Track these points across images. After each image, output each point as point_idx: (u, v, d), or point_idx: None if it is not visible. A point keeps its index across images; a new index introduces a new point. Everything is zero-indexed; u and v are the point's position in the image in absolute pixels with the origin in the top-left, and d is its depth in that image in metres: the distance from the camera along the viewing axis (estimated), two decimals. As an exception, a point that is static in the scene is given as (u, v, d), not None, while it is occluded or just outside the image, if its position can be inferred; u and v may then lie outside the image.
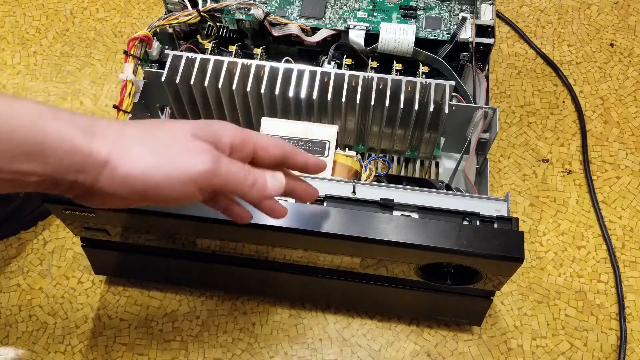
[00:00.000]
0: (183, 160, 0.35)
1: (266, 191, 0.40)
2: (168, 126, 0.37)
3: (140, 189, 0.35)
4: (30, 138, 0.33)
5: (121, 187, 0.35)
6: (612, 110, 0.82)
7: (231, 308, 0.68)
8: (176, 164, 0.35)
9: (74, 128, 0.34)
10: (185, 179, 0.35)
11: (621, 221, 0.74)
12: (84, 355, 0.65)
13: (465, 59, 0.67)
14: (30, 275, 0.70)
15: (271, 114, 0.65)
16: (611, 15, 0.91)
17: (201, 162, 0.36)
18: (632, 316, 0.68)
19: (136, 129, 0.36)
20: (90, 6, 0.92)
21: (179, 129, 0.37)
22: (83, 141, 0.34)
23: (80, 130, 0.34)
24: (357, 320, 0.67)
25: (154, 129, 0.37)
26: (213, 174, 0.36)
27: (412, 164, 0.72)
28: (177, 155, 0.36)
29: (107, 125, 0.35)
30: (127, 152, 0.35)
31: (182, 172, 0.35)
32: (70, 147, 0.34)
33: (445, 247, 0.49)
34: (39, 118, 0.33)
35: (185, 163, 0.35)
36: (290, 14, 0.68)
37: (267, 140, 0.40)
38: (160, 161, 0.35)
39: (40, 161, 0.33)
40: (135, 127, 0.37)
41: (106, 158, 0.34)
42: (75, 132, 0.34)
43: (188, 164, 0.35)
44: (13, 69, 0.85)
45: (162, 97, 0.67)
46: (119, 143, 0.35)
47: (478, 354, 0.65)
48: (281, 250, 0.56)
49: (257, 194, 0.39)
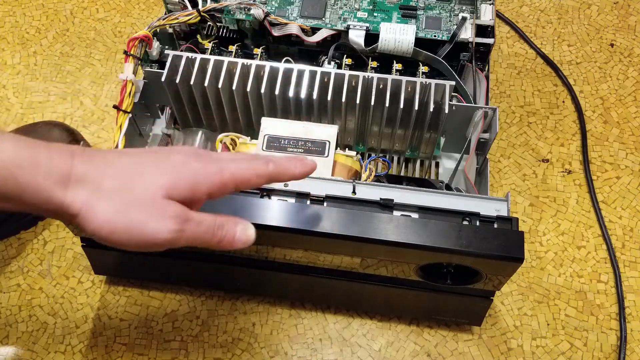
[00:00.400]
0: (149, 226, 0.37)
1: (233, 246, 0.40)
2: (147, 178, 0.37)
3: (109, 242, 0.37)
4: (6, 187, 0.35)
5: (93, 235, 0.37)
6: (612, 110, 0.82)
7: (231, 308, 0.68)
8: (142, 229, 0.37)
9: (50, 179, 0.35)
10: (150, 242, 0.37)
11: (621, 221, 0.74)
12: (84, 355, 0.65)
13: (465, 59, 0.67)
14: (30, 275, 0.70)
15: (271, 114, 0.65)
16: (611, 15, 0.91)
17: (166, 231, 0.37)
18: (632, 316, 0.68)
19: (114, 180, 0.37)
20: (90, 6, 0.92)
21: (156, 184, 0.37)
22: (58, 193, 0.36)
23: (55, 181, 0.36)
24: (357, 320, 0.67)
25: (133, 179, 0.37)
26: (177, 238, 0.37)
27: (412, 164, 0.72)
28: (145, 218, 0.37)
29: (85, 171, 0.37)
30: (97, 210, 0.36)
31: (146, 237, 0.37)
32: (45, 198, 0.36)
33: (445, 247, 0.49)
34: (16, 169, 0.35)
35: (150, 229, 0.37)
36: (290, 14, 0.68)
37: (249, 173, 0.40)
38: (127, 224, 0.36)
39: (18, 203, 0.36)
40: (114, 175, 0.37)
41: (77, 211, 0.36)
42: (50, 184, 0.36)
43: (153, 230, 0.37)
44: (13, 69, 0.85)
45: (162, 97, 0.67)
46: (91, 198, 0.36)
47: (478, 354, 0.65)
48: (281, 250, 0.56)
49: (224, 248, 0.40)
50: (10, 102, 0.82)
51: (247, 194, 0.52)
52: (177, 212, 0.37)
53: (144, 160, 0.38)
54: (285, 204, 0.51)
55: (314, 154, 0.59)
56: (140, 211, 0.37)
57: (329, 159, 0.59)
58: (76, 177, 0.36)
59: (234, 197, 0.52)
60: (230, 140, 0.61)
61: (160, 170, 0.38)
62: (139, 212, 0.37)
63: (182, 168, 0.38)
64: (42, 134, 0.71)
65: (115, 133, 0.59)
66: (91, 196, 0.36)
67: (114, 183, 0.37)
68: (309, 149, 0.60)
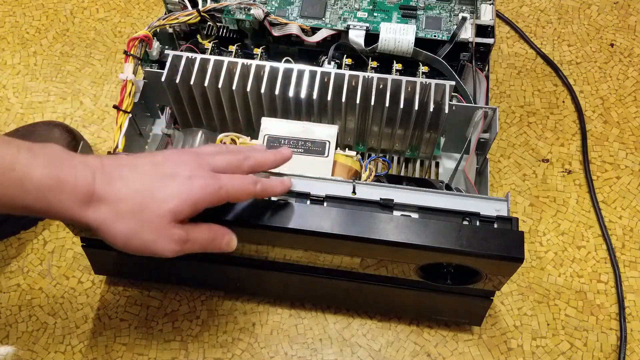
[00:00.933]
0: (158, 246, 0.44)
1: (227, 249, 0.49)
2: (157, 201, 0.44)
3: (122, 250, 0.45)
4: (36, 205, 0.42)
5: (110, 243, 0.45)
6: (612, 110, 0.82)
7: (231, 308, 0.68)
8: (151, 247, 0.44)
9: (74, 199, 0.42)
10: (156, 256, 0.45)
11: (621, 221, 0.74)
12: (84, 355, 0.65)
13: (465, 59, 0.67)
14: (30, 275, 0.70)
15: (271, 114, 0.65)
16: (611, 15, 0.91)
17: (169, 250, 0.45)
18: (632, 316, 0.68)
19: (129, 202, 0.43)
20: (90, 6, 0.92)
21: (165, 208, 0.44)
22: (80, 212, 0.43)
23: (79, 201, 0.42)
24: (357, 320, 0.67)
25: (145, 201, 0.44)
26: (179, 253, 0.46)
27: (412, 164, 0.72)
28: (154, 238, 0.44)
29: (104, 193, 0.43)
30: (114, 228, 0.43)
31: (153, 252, 0.45)
32: (69, 215, 0.43)
33: (445, 247, 0.49)
34: (46, 191, 0.41)
35: (158, 248, 0.45)
36: (290, 14, 0.68)
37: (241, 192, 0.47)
38: (139, 242, 0.44)
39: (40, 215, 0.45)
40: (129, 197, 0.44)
41: (96, 227, 0.43)
42: (74, 204, 0.42)
43: (160, 249, 0.45)
44: (13, 69, 0.85)
45: (162, 97, 0.67)
46: (109, 217, 0.43)
47: (478, 354, 0.65)
48: (281, 250, 0.56)
49: (218, 251, 0.48)
50: (10, 102, 0.82)
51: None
52: (181, 236, 0.45)
53: (154, 181, 0.45)
54: (286, 204, 0.51)
55: (314, 154, 0.59)
56: (150, 232, 0.44)
57: (329, 159, 0.59)
58: (97, 198, 0.43)
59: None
60: (230, 140, 0.61)
61: (169, 192, 0.44)
62: (149, 233, 0.44)
63: (187, 187, 0.45)
64: (42, 134, 0.71)
65: (115, 133, 0.60)
66: (109, 215, 0.43)
67: (128, 205, 0.43)
68: (309, 148, 0.60)
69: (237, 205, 0.50)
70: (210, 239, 0.47)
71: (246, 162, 0.49)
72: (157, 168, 0.46)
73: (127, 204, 0.43)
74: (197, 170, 0.46)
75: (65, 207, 0.42)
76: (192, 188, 0.45)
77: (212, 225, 0.48)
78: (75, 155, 0.44)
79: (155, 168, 0.46)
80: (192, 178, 0.45)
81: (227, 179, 0.46)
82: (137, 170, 0.45)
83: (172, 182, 0.45)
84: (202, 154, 0.48)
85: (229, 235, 0.49)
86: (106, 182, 0.43)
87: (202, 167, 0.46)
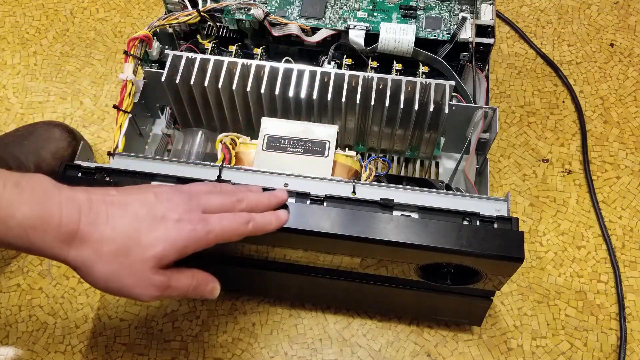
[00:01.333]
0: (136, 291, 0.44)
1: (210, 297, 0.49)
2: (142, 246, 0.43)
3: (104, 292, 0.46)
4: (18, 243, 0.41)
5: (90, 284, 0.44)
6: (612, 110, 0.82)
7: (231, 308, 0.68)
8: (129, 291, 0.44)
9: (57, 239, 0.41)
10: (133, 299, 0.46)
11: (621, 221, 0.74)
12: (84, 355, 0.65)
13: (465, 59, 0.67)
14: (30, 275, 0.70)
15: (271, 114, 0.65)
16: (611, 15, 0.91)
17: (148, 296, 0.44)
18: (632, 316, 0.68)
19: (112, 244, 0.43)
20: (90, 6, 0.92)
21: (149, 254, 0.43)
22: (62, 252, 0.42)
23: (62, 240, 0.42)
24: (357, 320, 0.67)
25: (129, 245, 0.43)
26: (158, 298, 0.45)
27: (412, 164, 0.72)
28: (134, 283, 0.44)
29: (89, 233, 0.42)
30: (95, 270, 0.43)
31: (131, 296, 0.44)
32: (50, 254, 0.42)
33: (445, 247, 0.49)
34: (30, 230, 0.41)
35: (136, 293, 0.44)
36: (290, 14, 0.68)
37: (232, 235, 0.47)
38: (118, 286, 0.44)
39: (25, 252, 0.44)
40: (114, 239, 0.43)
41: (77, 267, 0.43)
42: (57, 244, 0.42)
43: (138, 294, 0.44)
44: (13, 69, 0.85)
45: (162, 97, 0.67)
46: (91, 258, 0.42)
47: (478, 354, 0.65)
48: (281, 250, 0.56)
49: (200, 297, 0.48)
50: (10, 102, 0.82)
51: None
52: (162, 282, 0.44)
53: (142, 223, 0.44)
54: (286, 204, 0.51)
55: (314, 154, 0.59)
56: (131, 277, 0.43)
57: (329, 159, 0.59)
58: (80, 237, 0.42)
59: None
60: (230, 140, 0.61)
61: (155, 237, 0.43)
62: (129, 277, 0.43)
63: (175, 232, 0.44)
64: (42, 133, 0.71)
65: (115, 133, 0.59)
66: (91, 257, 0.43)
67: (112, 248, 0.43)
68: (309, 148, 0.60)
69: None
70: (192, 287, 0.47)
71: (239, 205, 0.48)
72: (146, 208, 0.44)
73: (110, 246, 0.43)
74: (187, 213, 0.45)
75: (47, 246, 0.42)
76: (180, 233, 0.44)
77: (196, 272, 0.47)
78: (62, 189, 0.43)
79: (144, 208, 0.44)
80: (181, 222, 0.44)
81: (216, 222, 0.46)
82: (126, 209, 0.44)
83: (160, 226, 0.44)
84: (194, 195, 0.47)
85: (212, 283, 0.48)
86: (91, 221, 0.42)
87: (193, 209, 0.45)
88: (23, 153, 0.69)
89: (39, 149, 0.70)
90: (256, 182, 0.53)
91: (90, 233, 0.42)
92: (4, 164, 0.67)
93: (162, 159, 0.57)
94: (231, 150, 0.60)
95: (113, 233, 0.43)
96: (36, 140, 0.70)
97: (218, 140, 0.61)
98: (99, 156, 0.78)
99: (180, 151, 0.67)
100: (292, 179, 0.55)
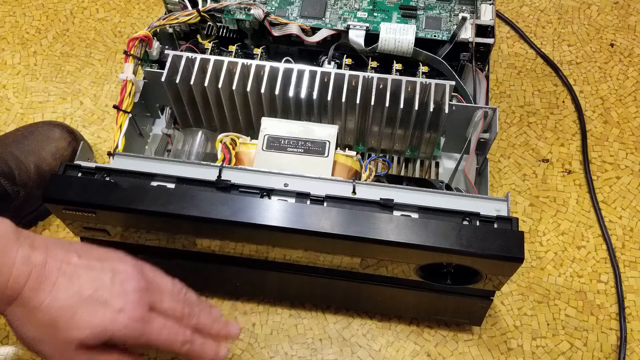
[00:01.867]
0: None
1: None
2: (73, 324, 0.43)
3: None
4: None
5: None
6: (612, 110, 0.82)
7: (231, 308, 0.68)
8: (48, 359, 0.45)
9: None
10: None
11: (621, 221, 0.74)
12: (84, 355, 0.65)
13: (465, 59, 0.67)
14: (30, 275, 0.70)
15: (271, 114, 0.65)
16: (611, 15, 0.91)
17: None
18: (632, 316, 0.68)
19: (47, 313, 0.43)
20: (90, 6, 0.92)
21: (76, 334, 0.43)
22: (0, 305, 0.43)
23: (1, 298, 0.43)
24: (357, 320, 0.67)
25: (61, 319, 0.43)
26: None
27: (412, 164, 0.72)
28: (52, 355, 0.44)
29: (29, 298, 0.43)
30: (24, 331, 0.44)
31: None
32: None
33: (445, 247, 0.49)
34: None
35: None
36: (290, 14, 0.68)
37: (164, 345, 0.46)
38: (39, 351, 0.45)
39: None
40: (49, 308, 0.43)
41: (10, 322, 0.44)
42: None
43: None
44: (13, 69, 0.85)
45: (162, 97, 0.67)
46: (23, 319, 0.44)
47: (478, 354, 0.65)
48: (281, 250, 0.56)
49: None
50: (10, 102, 0.82)
51: (247, 194, 0.53)
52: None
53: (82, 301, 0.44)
54: (285, 204, 0.51)
55: (314, 154, 0.60)
56: (53, 349, 0.44)
57: (329, 159, 0.59)
58: (19, 300, 0.43)
59: (233, 198, 0.52)
60: (230, 140, 0.61)
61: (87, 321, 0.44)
62: (52, 349, 0.44)
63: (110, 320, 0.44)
64: (42, 133, 0.71)
65: (115, 133, 0.60)
66: (22, 318, 0.44)
67: (42, 318, 0.43)
68: (309, 149, 0.60)
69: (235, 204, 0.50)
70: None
71: (189, 320, 0.49)
72: (94, 288, 0.44)
73: (43, 316, 0.43)
74: (132, 305, 0.45)
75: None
76: (114, 324, 0.44)
77: (123, 357, 0.47)
78: (22, 246, 0.44)
79: (92, 287, 0.45)
80: (121, 313, 0.44)
81: (156, 329, 0.46)
82: (73, 283, 0.44)
83: (99, 311, 0.44)
84: (154, 289, 0.47)
85: None
86: (35, 288, 0.43)
87: (141, 304, 0.45)
88: (23, 153, 0.69)
89: (39, 149, 0.70)
90: (256, 182, 0.53)
91: (30, 299, 0.43)
92: (4, 164, 0.67)
93: (162, 159, 0.57)
94: (231, 150, 0.60)
95: (51, 303, 0.43)
96: (36, 140, 0.70)
97: (218, 140, 0.61)
98: (99, 156, 0.78)
99: (180, 151, 0.67)
100: (292, 178, 0.55)
